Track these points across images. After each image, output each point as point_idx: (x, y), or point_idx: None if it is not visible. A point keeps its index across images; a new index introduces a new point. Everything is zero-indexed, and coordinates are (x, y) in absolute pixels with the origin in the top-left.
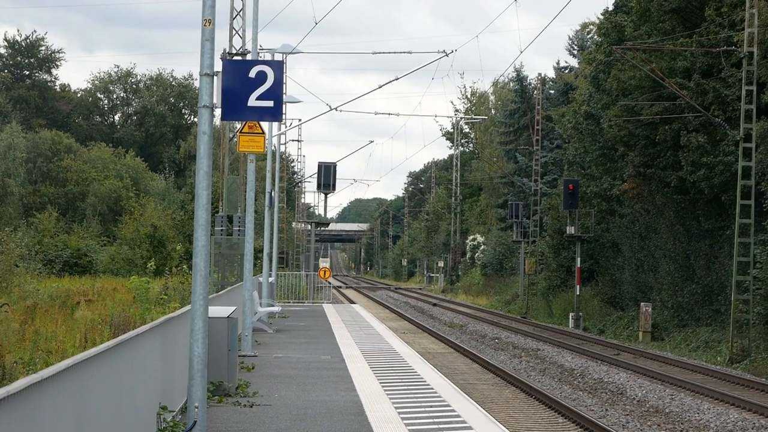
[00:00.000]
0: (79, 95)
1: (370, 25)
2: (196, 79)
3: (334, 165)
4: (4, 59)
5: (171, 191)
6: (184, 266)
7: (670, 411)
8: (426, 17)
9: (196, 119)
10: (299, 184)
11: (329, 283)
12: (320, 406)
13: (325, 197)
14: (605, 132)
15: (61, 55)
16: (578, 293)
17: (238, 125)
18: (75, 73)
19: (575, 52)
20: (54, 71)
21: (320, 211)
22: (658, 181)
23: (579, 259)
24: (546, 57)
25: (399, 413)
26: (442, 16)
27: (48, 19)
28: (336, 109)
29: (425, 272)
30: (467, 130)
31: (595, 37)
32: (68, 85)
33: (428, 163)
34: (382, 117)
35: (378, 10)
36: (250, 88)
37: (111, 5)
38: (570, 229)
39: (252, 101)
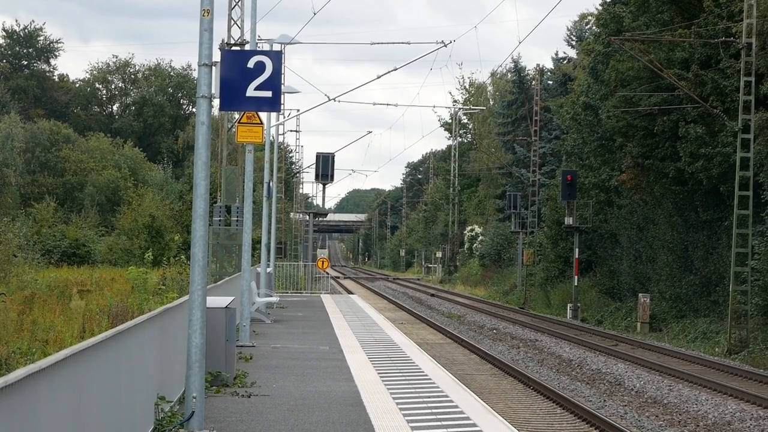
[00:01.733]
0: (77, 85)
1: (364, 16)
2: (194, 70)
3: (332, 155)
4: (3, 49)
5: (169, 181)
6: (182, 256)
7: (668, 402)
8: (421, 8)
9: (194, 109)
10: (297, 174)
11: (327, 273)
12: (318, 396)
13: (324, 187)
14: (603, 123)
15: (59, 45)
16: (576, 284)
17: (237, 115)
18: (71, 63)
19: (574, 42)
20: (52, 61)
21: (318, 201)
22: (657, 172)
23: (577, 250)
24: (542, 48)
25: (397, 403)
26: (438, 7)
27: (43, 8)
28: (335, 99)
29: (423, 263)
30: (465, 121)
31: (594, 27)
32: (66, 75)
33: (426, 153)
34: (379, 107)
35: (373, 1)
36: (248, 78)
37: None
38: (568, 220)
39: (250, 91)
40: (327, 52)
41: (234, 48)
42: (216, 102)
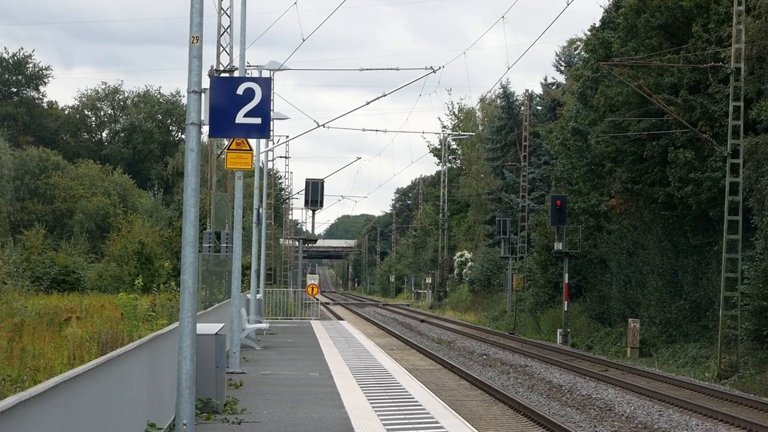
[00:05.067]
0: (66, 112)
1: (347, 41)
2: (183, 96)
3: (322, 182)
4: None
5: (159, 208)
6: (172, 283)
7: (658, 427)
8: (404, 33)
9: (183, 136)
10: (287, 200)
11: (317, 299)
12: (309, 422)
13: (313, 214)
14: (593, 148)
15: (48, 72)
16: (566, 309)
17: (226, 142)
18: (54, 90)
19: (562, 68)
20: (41, 88)
21: (308, 227)
22: (646, 197)
23: (567, 275)
24: (526, 74)
25: (387, 430)
26: (420, 32)
27: (23, 35)
28: (324, 125)
29: (413, 288)
30: (454, 147)
31: (582, 53)
32: (56, 102)
33: (416, 179)
34: (367, 133)
35: (357, 27)
36: (237, 104)
37: (86, 22)
38: (558, 245)
39: (240, 118)
40: (311, 78)
41: (223, 75)
42: (205, 129)
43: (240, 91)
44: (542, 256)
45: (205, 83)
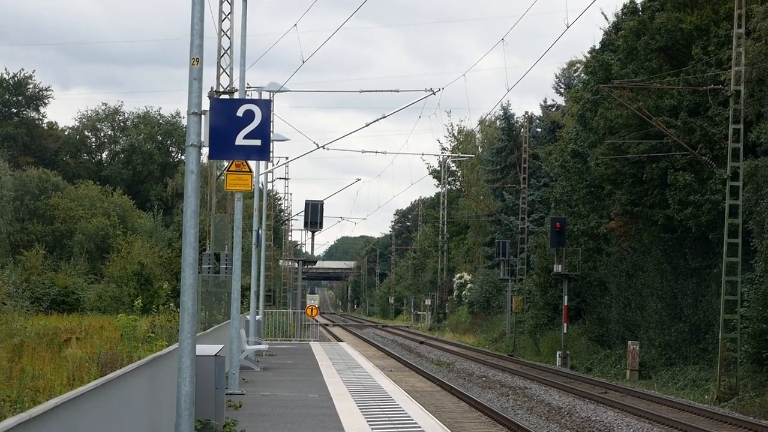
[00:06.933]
0: (66, 133)
1: (343, 62)
2: (183, 117)
3: (321, 203)
4: None
5: (158, 229)
6: (171, 304)
7: None
8: (400, 55)
9: (183, 157)
10: (286, 222)
11: (316, 321)
12: None
13: (312, 235)
14: (592, 170)
15: (48, 93)
16: (565, 331)
17: (226, 163)
18: (50, 110)
19: (562, 90)
20: (42, 109)
21: (307, 248)
22: (646, 220)
23: (566, 297)
24: (520, 97)
25: None
26: (417, 54)
27: (21, 55)
28: (324, 147)
29: (412, 310)
30: (454, 168)
31: (582, 75)
32: (56, 123)
33: (415, 201)
34: (366, 155)
35: (355, 49)
36: (237, 126)
37: (83, 43)
38: (557, 267)
39: (239, 140)
40: (310, 99)
41: (223, 96)
42: (205, 150)
43: (240, 113)
44: (542, 278)
45: (205, 105)
